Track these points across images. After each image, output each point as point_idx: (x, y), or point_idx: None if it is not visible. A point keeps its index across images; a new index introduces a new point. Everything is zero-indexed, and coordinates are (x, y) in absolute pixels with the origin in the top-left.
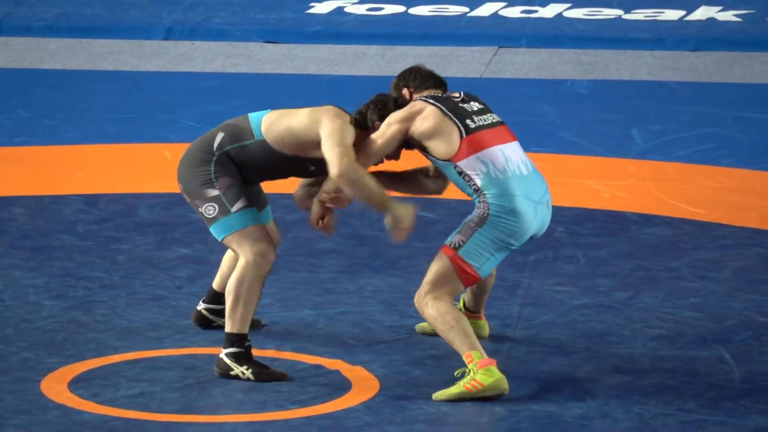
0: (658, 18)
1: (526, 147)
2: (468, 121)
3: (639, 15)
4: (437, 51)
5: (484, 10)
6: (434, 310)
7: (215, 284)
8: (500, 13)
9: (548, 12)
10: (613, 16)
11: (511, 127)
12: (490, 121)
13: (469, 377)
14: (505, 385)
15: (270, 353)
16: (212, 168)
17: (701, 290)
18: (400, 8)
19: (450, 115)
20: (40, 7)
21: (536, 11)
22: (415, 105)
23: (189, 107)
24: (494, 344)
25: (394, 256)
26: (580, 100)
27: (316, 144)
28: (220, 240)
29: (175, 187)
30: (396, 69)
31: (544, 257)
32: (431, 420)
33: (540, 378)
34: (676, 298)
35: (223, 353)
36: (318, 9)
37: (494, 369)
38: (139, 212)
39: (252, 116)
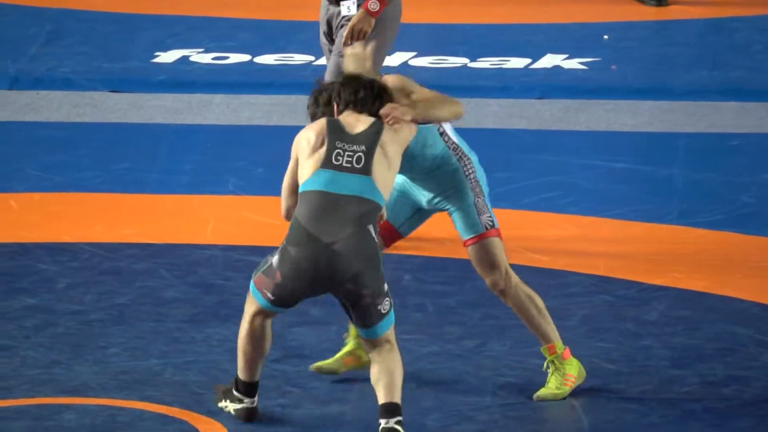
0: (503, 66)
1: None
2: None
3: (485, 63)
4: (283, 100)
5: None
6: (522, 293)
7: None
8: None
9: (394, 60)
10: (459, 65)
11: None
12: None
13: (561, 372)
14: (584, 371)
15: (118, 402)
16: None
17: None
18: (245, 57)
19: None
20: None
21: None
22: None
23: (34, 157)
24: (343, 393)
25: (241, 305)
26: None
27: None
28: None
29: (21, 237)
30: (241, 118)
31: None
32: None
33: None
34: (524, 346)
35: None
36: (163, 58)
37: (573, 358)
38: None
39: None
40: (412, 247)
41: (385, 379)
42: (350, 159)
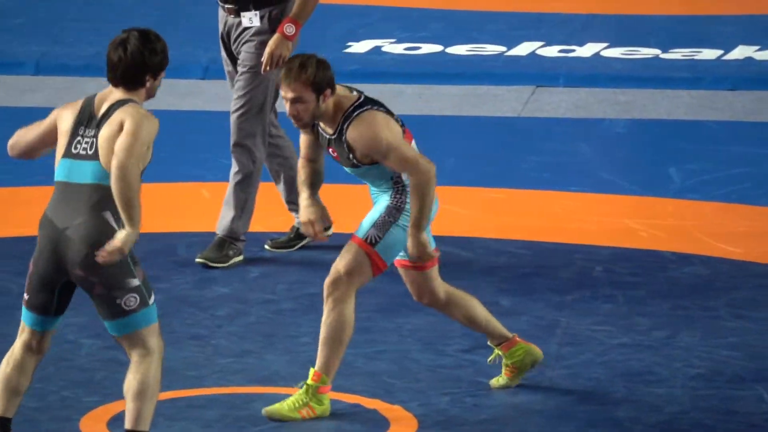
0: (695, 57)
1: (564, 186)
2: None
3: (676, 54)
4: (474, 90)
5: (521, 50)
6: (347, 313)
7: None
8: (538, 52)
9: (586, 51)
10: (650, 56)
11: (548, 166)
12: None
13: (304, 399)
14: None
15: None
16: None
17: (739, 329)
18: (437, 47)
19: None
20: (78, 47)
21: (574, 50)
22: (380, 115)
23: (225, 146)
24: (533, 383)
25: None
26: (617, 139)
27: None
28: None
29: (213, 227)
30: (433, 108)
31: (582, 296)
32: None
33: (578, 417)
34: (713, 337)
35: None
36: (355, 48)
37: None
38: (178, 251)
39: None
40: (603, 239)
41: (131, 402)
42: (86, 147)
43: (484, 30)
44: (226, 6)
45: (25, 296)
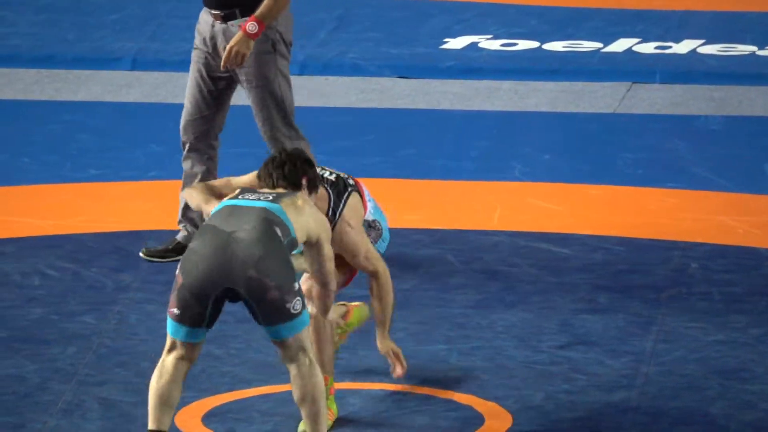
0: None
1: (659, 183)
2: None
3: None
4: (569, 86)
5: (617, 46)
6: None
7: None
8: (634, 49)
9: (682, 48)
10: (746, 53)
11: (643, 162)
12: None
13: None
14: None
15: (403, 387)
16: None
17: None
18: (534, 44)
19: None
20: (174, 43)
21: (670, 47)
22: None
23: (321, 142)
24: (627, 379)
25: (527, 291)
26: (713, 136)
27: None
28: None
29: None
30: (528, 104)
31: (677, 294)
32: None
33: (672, 414)
34: None
35: None
36: (452, 44)
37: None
38: None
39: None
40: (699, 236)
41: (309, 408)
42: (258, 195)
43: (580, 26)
44: (213, 12)
45: (175, 311)
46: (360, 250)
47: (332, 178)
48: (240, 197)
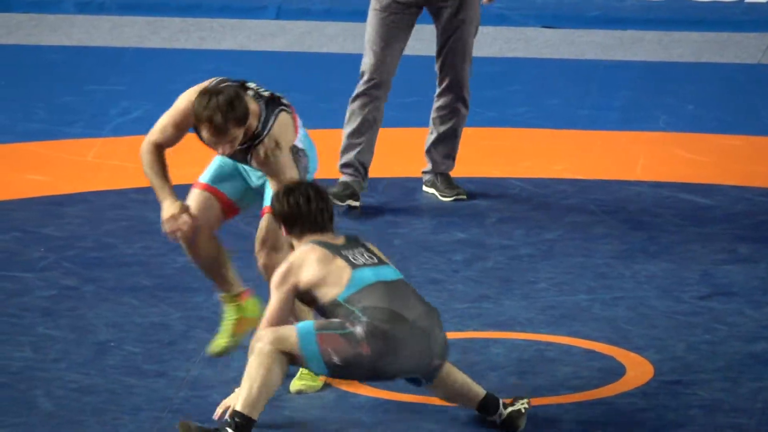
0: None
1: None
2: None
3: None
4: (714, 37)
5: None
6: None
7: None
8: None
9: None
10: None
11: None
12: None
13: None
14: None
15: (545, 338)
16: None
17: None
18: None
19: None
20: None
21: None
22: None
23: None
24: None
25: (669, 242)
26: None
27: None
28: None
29: (454, 171)
30: (672, 55)
31: None
32: (706, 406)
33: None
34: None
35: None
36: None
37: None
38: (416, 196)
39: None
40: None
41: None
42: (374, 259)
43: None
44: None
45: (336, 361)
46: (285, 173)
47: (266, 94)
48: (372, 265)
